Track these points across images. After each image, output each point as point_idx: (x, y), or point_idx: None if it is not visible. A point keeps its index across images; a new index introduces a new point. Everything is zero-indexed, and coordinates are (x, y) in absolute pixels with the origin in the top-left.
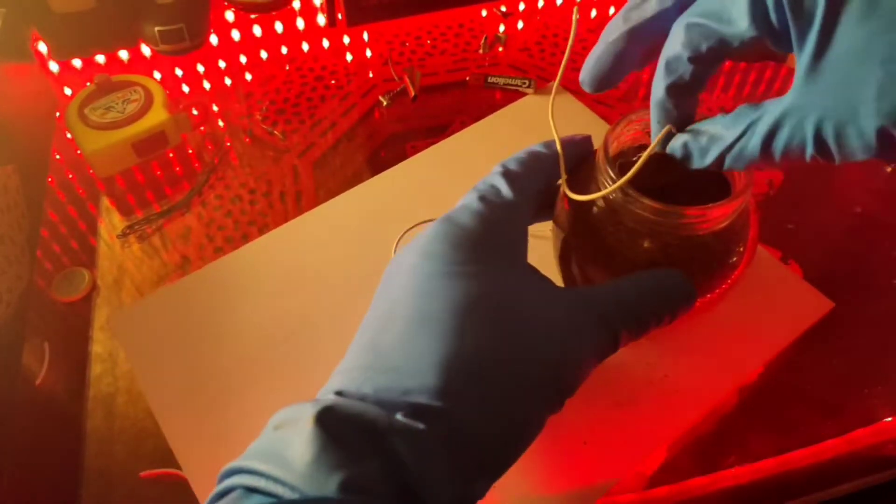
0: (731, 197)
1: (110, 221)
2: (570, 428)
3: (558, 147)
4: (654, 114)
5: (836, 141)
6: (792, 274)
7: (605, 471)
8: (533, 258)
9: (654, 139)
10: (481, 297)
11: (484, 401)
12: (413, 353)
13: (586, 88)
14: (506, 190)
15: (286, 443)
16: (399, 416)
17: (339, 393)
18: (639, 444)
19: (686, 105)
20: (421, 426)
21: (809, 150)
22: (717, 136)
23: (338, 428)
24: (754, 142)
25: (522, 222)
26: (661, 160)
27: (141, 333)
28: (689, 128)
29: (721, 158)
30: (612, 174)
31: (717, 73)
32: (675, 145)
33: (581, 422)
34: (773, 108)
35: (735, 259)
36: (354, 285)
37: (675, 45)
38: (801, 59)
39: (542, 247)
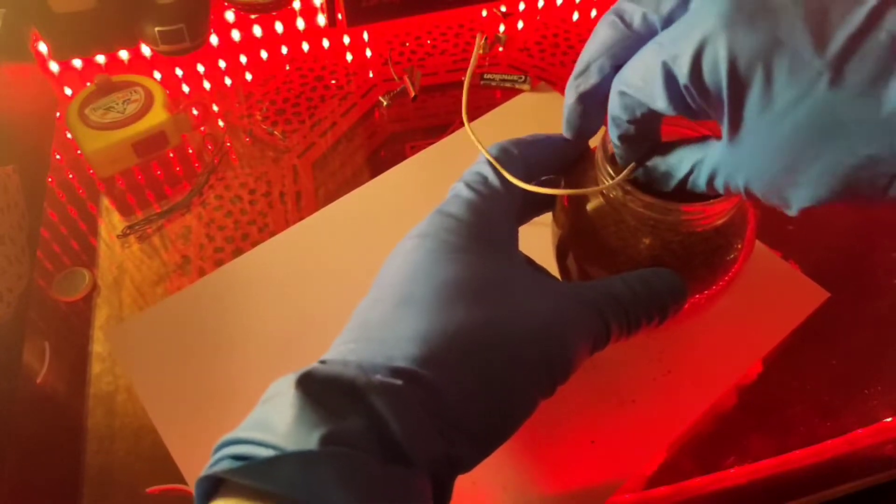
0: (728, 194)
1: (110, 221)
2: (577, 427)
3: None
4: (616, 151)
5: (765, 199)
6: (787, 265)
7: (615, 469)
8: (534, 247)
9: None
10: (468, 279)
11: (466, 372)
12: (397, 327)
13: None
14: (492, 177)
15: (270, 411)
16: (378, 376)
17: (322, 362)
18: (647, 441)
19: (642, 145)
20: (399, 382)
21: (745, 197)
22: (670, 172)
23: (317, 389)
24: (700, 181)
25: (511, 208)
26: None
27: (139, 348)
28: (649, 163)
29: (681, 186)
30: (611, 172)
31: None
32: (641, 175)
33: (588, 421)
34: (710, 157)
35: (734, 255)
36: (356, 289)
37: (615, 107)
38: (722, 128)
39: (543, 235)
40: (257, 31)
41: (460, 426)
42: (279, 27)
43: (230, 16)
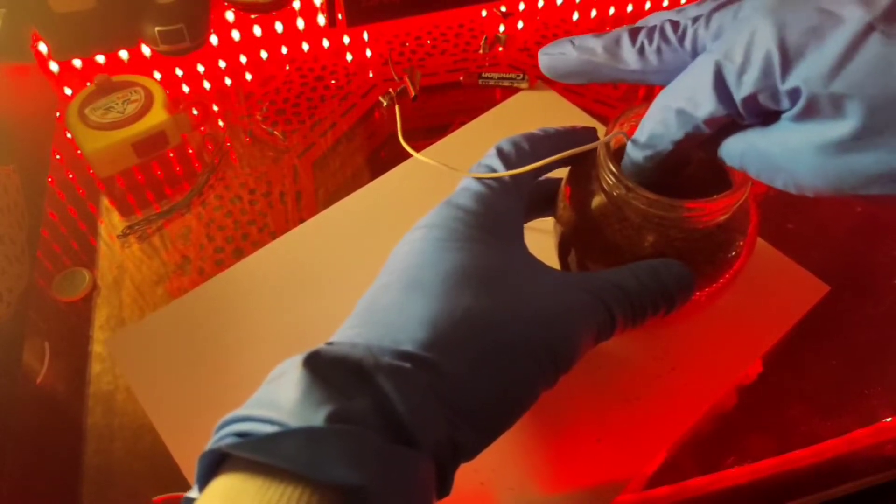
0: (730, 191)
1: (110, 221)
2: (582, 426)
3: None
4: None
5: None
6: (787, 260)
7: (621, 467)
8: (534, 252)
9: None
10: (475, 267)
11: (472, 358)
12: (404, 311)
13: (543, 72)
14: (502, 170)
15: (275, 389)
16: (386, 358)
17: (329, 344)
18: (652, 439)
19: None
20: (407, 365)
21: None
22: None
23: (325, 369)
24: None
25: (518, 202)
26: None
27: (141, 357)
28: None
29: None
30: (612, 169)
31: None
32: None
33: (593, 419)
34: (757, 144)
35: (736, 251)
36: (358, 292)
37: (658, 125)
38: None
39: (545, 241)
40: (257, 31)
41: (464, 411)
42: (279, 27)
43: (230, 16)
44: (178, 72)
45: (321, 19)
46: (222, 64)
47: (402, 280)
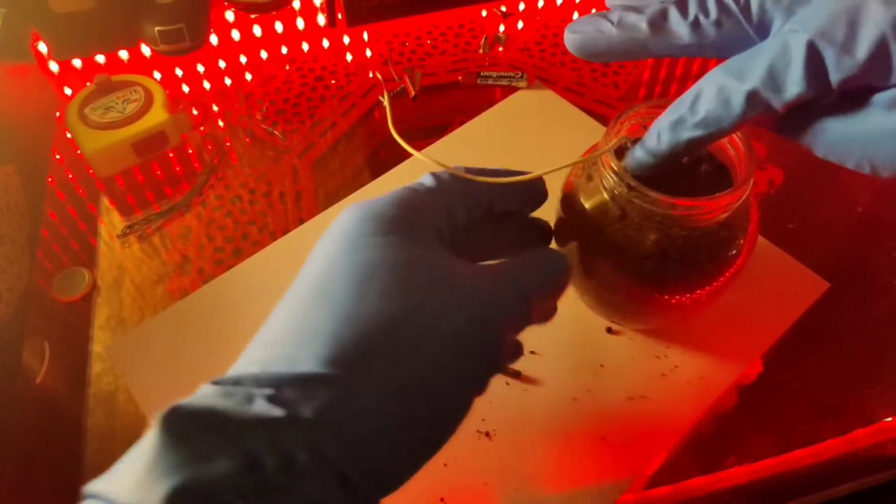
0: (731, 189)
1: (110, 221)
2: (585, 425)
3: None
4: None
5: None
6: (787, 257)
7: (625, 466)
8: None
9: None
10: (381, 264)
11: (384, 368)
12: (303, 324)
13: (573, 51)
14: (430, 182)
15: (132, 453)
16: (260, 401)
17: (216, 382)
18: (656, 436)
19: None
20: (279, 413)
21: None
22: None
23: (182, 426)
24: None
25: (441, 201)
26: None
27: (141, 362)
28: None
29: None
30: (614, 168)
31: None
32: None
33: (597, 418)
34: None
35: (737, 249)
36: None
37: (718, 107)
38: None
39: None
40: (257, 30)
41: (378, 433)
42: (279, 27)
43: (230, 16)
44: (178, 72)
45: (321, 19)
46: (222, 64)
47: (301, 289)
